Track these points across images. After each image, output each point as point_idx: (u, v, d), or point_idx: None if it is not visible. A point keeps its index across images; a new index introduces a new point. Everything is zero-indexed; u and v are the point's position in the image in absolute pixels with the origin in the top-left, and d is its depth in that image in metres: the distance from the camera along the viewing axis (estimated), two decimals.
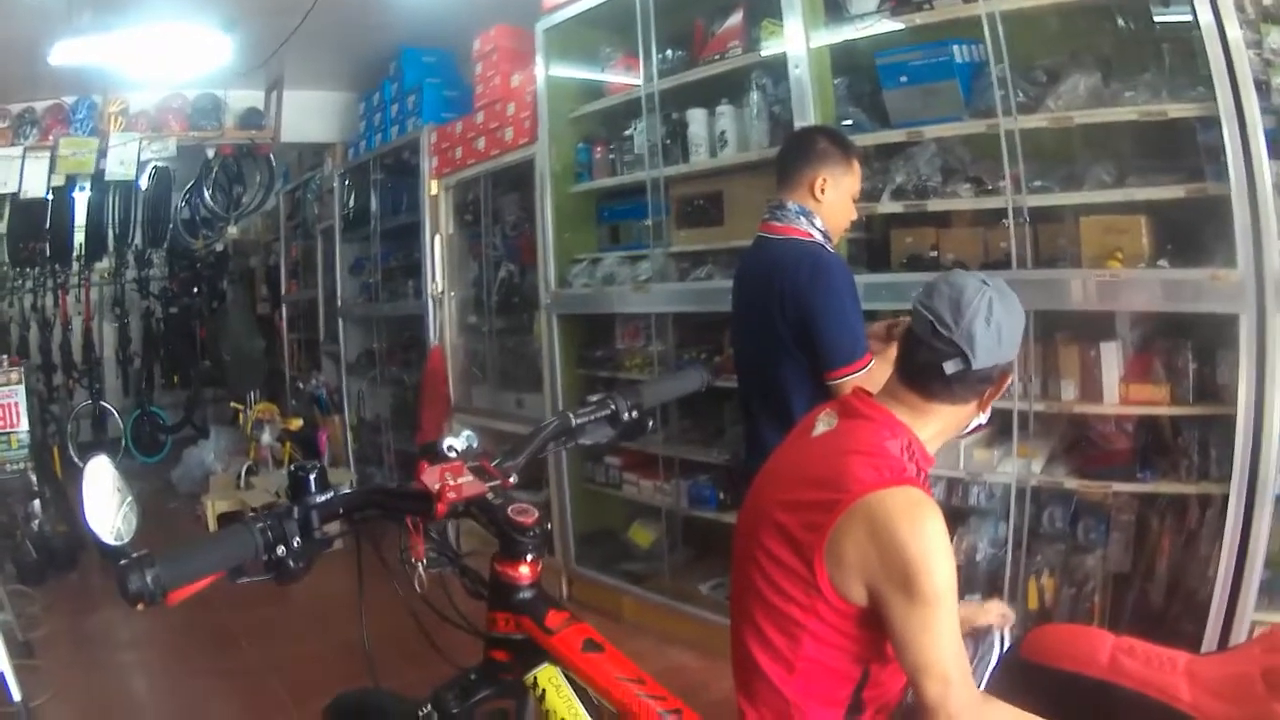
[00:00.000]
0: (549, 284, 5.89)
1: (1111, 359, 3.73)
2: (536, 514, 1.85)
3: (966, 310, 2.13)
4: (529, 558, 1.84)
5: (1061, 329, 3.85)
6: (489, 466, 1.94)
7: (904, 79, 4.15)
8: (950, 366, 2.16)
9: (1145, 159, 3.70)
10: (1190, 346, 3.61)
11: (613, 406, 2.29)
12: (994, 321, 2.14)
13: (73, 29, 6.37)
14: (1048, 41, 3.96)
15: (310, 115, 8.91)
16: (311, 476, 1.76)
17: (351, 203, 8.55)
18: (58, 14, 6.15)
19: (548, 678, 1.85)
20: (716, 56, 4.93)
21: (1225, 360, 3.47)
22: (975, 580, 3.97)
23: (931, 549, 1.97)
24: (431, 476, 1.84)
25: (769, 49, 4.62)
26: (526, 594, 1.85)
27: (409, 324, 7.80)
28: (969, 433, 2.55)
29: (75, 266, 11.47)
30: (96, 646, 5.66)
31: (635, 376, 5.47)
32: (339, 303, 8.92)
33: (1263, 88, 3.31)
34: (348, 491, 1.84)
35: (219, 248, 11.53)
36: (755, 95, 4.81)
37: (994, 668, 2.41)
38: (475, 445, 1.97)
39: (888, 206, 4.22)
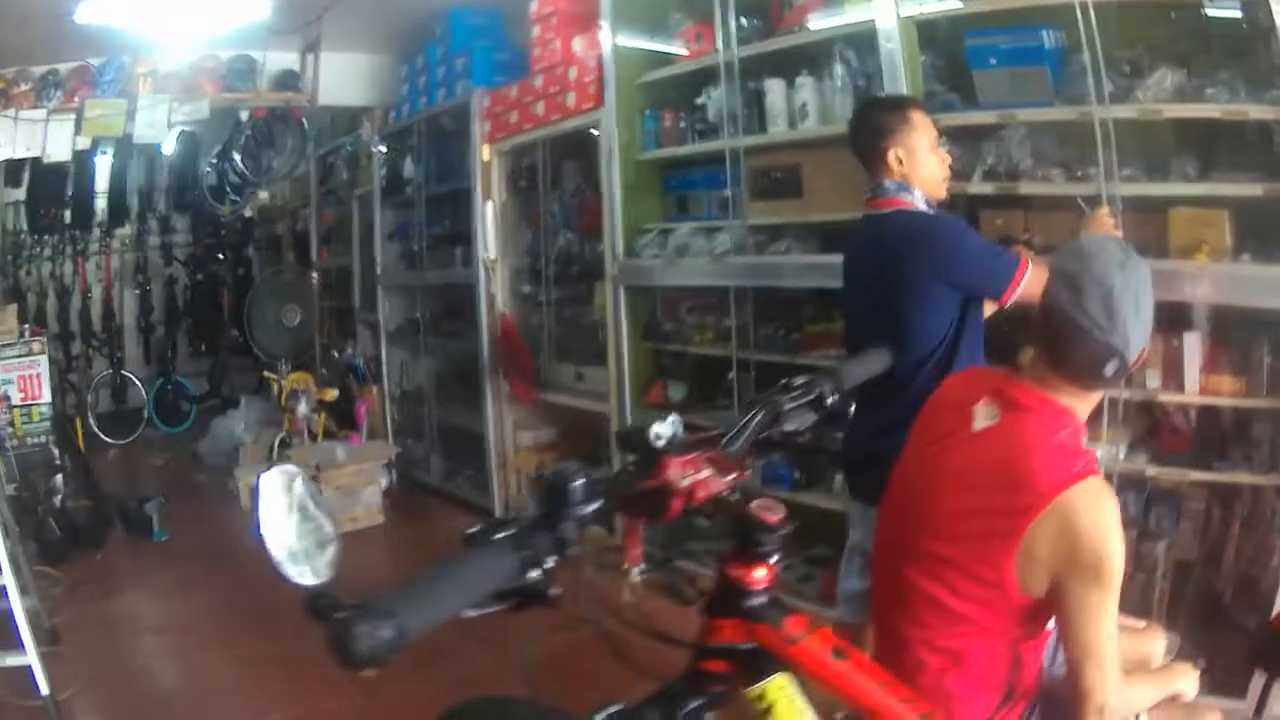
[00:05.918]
0: (616, 254, 5.78)
1: (1194, 349, 3.74)
2: (784, 511, 1.70)
3: (1119, 309, 2.11)
4: (771, 559, 1.71)
5: None
6: (722, 458, 1.77)
7: (993, 61, 4.10)
8: (1111, 368, 2.16)
9: (1227, 155, 3.70)
10: (1266, 341, 3.65)
11: (819, 390, 2.12)
12: (1141, 308, 2.15)
13: None
14: (1126, 35, 3.90)
15: (349, 78, 8.72)
16: (578, 484, 1.52)
17: (392, 168, 8.42)
18: None
19: (780, 689, 1.72)
20: (796, 27, 4.81)
21: None
22: None
23: (1115, 536, 2.05)
24: (677, 471, 1.67)
25: (851, 19, 4.52)
26: (762, 599, 1.72)
27: (456, 292, 7.64)
28: None
29: (96, 233, 11.35)
30: (124, 631, 5.48)
31: (707, 351, 5.43)
32: (378, 270, 8.77)
33: None
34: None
35: (246, 214, 11.32)
36: (839, 68, 4.68)
37: None
38: (681, 433, 1.77)
39: (978, 187, 4.16)
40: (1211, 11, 3.80)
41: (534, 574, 1.44)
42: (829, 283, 4.04)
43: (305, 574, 1.43)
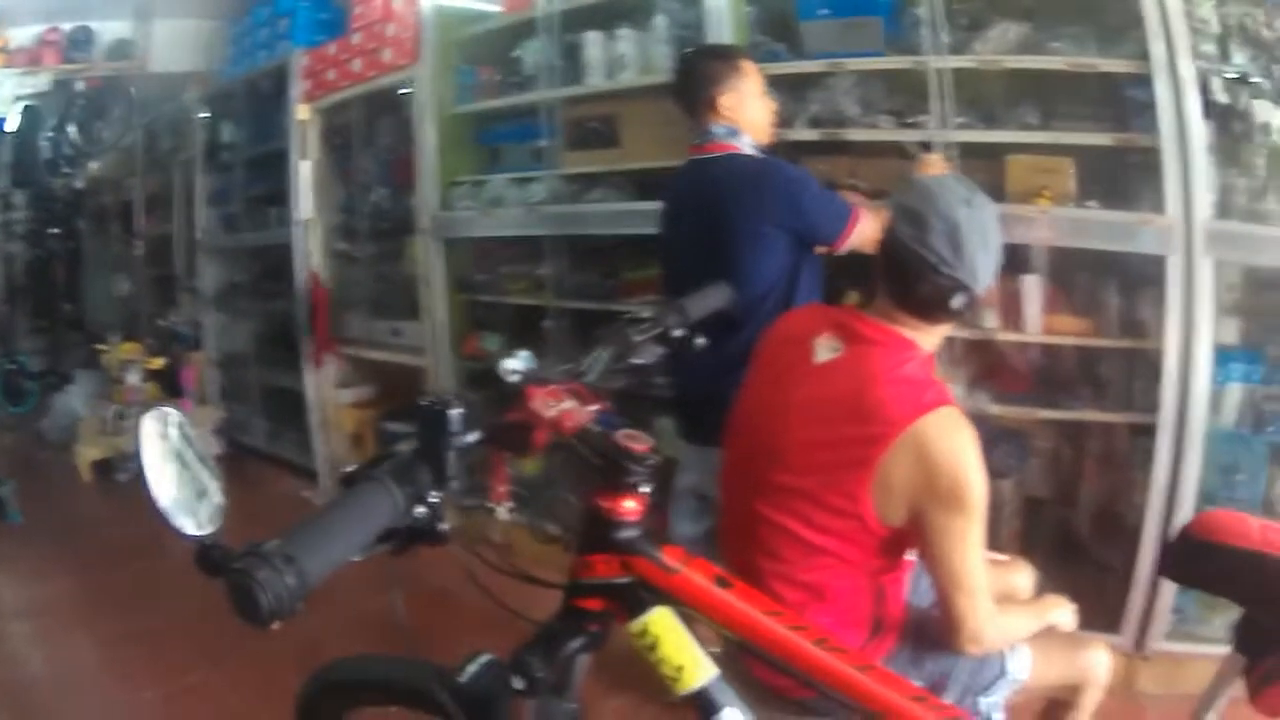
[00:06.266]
0: (430, 208, 5.76)
1: (1033, 291, 3.82)
2: (650, 441, 1.69)
3: (965, 243, 2.12)
4: (640, 490, 1.70)
5: None
6: (584, 390, 1.77)
7: (824, 11, 4.11)
8: (958, 302, 2.18)
9: (1072, 106, 3.80)
10: (1113, 283, 3.76)
11: (665, 322, 2.10)
12: (989, 242, 2.17)
13: None
14: None
15: (179, 44, 8.62)
16: (455, 411, 1.48)
17: (213, 132, 8.28)
18: None
19: (662, 622, 1.69)
20: None
21: (1147, 297, 3.65)
22: None
23: (972, 464, 2.07)
24: (543, 403, 1.66)
25: None
26: (633, 532, 1.71)
27: (274, 253, 7.47)
28: None
29: None
30: None
31: (522, 300, 5.45)
32: (198, 235, 8.60)
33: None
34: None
35: (78, 185, 11.00)
36: (660, 19, 4.69)
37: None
38: (534, 367, 1.75)
39: (802, 134, 4.19)
40: None
41: (419, 510, 1.42)
42: (645, 229, 4.07)
43: (189, 525, 1.41)
